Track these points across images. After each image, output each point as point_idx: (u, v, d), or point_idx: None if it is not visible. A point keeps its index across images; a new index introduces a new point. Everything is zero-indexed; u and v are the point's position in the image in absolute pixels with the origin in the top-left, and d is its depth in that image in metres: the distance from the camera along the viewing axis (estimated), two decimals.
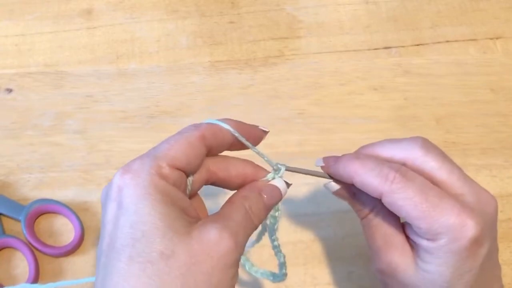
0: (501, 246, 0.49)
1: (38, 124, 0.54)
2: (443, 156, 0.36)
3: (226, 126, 0.34)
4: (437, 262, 0.34)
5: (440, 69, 0.58)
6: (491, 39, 0.59)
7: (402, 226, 0.38)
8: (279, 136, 0.54)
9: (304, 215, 0.50)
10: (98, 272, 0.31)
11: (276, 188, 0.36)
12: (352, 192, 0.38)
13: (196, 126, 0.34)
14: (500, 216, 0.50)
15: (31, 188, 0.51)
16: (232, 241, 0.30)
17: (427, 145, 0.36)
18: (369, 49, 0.59)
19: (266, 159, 0.36)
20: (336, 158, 0.37)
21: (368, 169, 0.35)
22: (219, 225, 0.31)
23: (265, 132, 0.37)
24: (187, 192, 0.34)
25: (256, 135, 0.36)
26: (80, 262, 0.48)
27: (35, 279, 0.46)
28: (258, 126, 0.37)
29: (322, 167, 0.38)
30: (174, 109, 0.55)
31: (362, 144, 0.39)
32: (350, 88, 0.56)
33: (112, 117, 0.54)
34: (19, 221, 0.48)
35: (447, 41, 0.59)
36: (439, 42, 0.59)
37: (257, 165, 0.37)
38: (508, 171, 0.53)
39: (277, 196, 0.36)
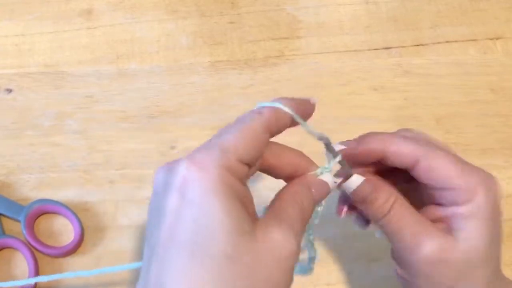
0: (502, 246, 0.49)
1: (38, 124, 0.54)
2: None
3: (288, 110, 0.33)
4: (477, 224, 0.34)
5: (440, 69, 0.58)
6: (491, 39, 0.59)
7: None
8: (279, 137, 0.53)
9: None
10: (152, 264, 0.29)
11: (325, 184, 0.35)
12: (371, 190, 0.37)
13: (259, 112, 0.32)
14: None
15: (31, 188, 0.51)
16: (296, 244, 0.30)
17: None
18: (369, 49, 0.59)
19: (317, 135, 0.35)
20: (357, 139, 0.37)
21: (400, 137, 0.36)
22: (283, 227, 0.30)
23: (315, 105, 0.36)
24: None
25: (308, 111, 0.35)
26: (80, 262, 0.48)
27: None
28: (309, 100, 0.36)
29: (344, 152, 0.37)
30: (174, 109, 0.55)
31: None
32: (350, 88, 0.56)
33: (112, 117, 0.54)
34: (19, 221, 0.48)
35: (447, 41, 0.59)
36: (439, 42, 0.59)
37: (308, 157, 0.36)
38: (508, 171, 0.53)
39: (326, 192, 0.35)
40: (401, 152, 0.35)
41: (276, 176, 0.35)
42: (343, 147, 0.37)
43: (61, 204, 0.49)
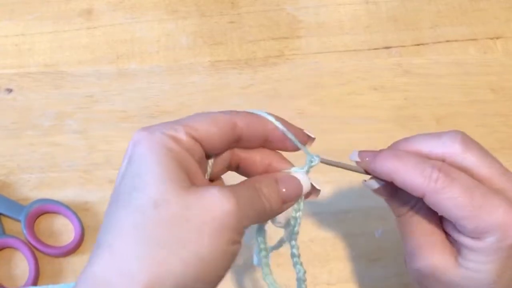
0: None
1: (38, 124, 0.54)
2: (484, 151, 0.35)
3: (271, 118, 0.34)
4: (483, 260, 0.33)
5: (440, 69, 0.58)
6: (491, 39, 0.59)
7: (440, 222, 0.36)
8: None
9: (304, 215, 0.50)
10: (101, 227, 0.31)
11: (295, 179, 0.34)
12: (392, 189, 0.36)
13: (231, 111, 0.34)
14: None
15: (31, 188, 0.51)
16: (233, 202, 0.29)
17: (467, 140, 0.35)
18: (369, 49, 0.59)
19: (305, 151, 0.34)
20: (373, 154, 0.36)
21: (410, 167, 0.33)
22: (222, 188, 0.30)
23: (310, 138, 0.35)
24: (207, 174, 0.33)
25: (300, 137, 0.35)
26: (80, 262, 0.48)
27: (35, 279, 0.46)
28: (303, 130, 0.35)
29: (357, 162, 0.36)
30: (174, 109, 0.55)
31: (362, 144, 0.39)
32: (350, 88, 0.56)
33: (112, 117, 0.54)
34: (19, 221, 0.48)
35: (447, 41, 0.59)
36: (439, 42, 0.59)
37: (284, 157, 0.35)
38: None
39: (296, 189, 0.34)
40: (408, 184, 0.34)
41: (250, 175, 0.35)
42: (357, 159, 0.36)
43: (61, 204, 0.49)
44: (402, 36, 0.59)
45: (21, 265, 0.48)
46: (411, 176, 0.33)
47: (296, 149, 0.35)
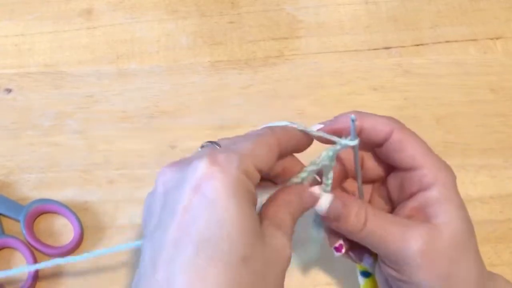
0: (501, 246, 0.49)
1: (38, 124, 0.54)
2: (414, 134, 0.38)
3: (295, 125, 0.35)
4: (451, 206, 0.35)
5: (440, 69, 0.57)
6: (491, 39, 0.59)
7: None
8: None
9: (304, 215, 0.50)
10: (159, 265, 0.28)
11: (315, 197, 0.36)
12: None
13: (272, 129, 0.34)
14: (500, 216, 0.50)
15: (30, 188, 0.51)
16: (291, 249, 0.31)
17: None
18: (369, 49, 0.59)
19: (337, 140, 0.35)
20: (332, 119, 0.38)
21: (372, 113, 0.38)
22: (282, 233, 0.31)
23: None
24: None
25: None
26: (79, 262, 0.48)
27: (35, 279, 0.46)
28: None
29: (323, 129, 0.37)
30: (174, 109, 0.55)
31: None
32: (350, 88, 0.56)
33: (112, 117, 0.54)
34: (18, 221, 0.48)
35: (447, 41, 0.59)
36: (439, 42, 0.59)
37: (296, 158, 0.37)
38: (508, 171, 0.52)
39: (313, 204, 0.36)
40: (377, 123, 0.36)
41: (267, 176, 0.36)
42: (321, 125, 0.37)
43: (61, 204, 0.49)
44: (402, 36, 0.59)
45: (21, 265, 0.48)
46: (378, 117, 0.37)
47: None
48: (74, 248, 0.48)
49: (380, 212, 0.36)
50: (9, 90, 0.55)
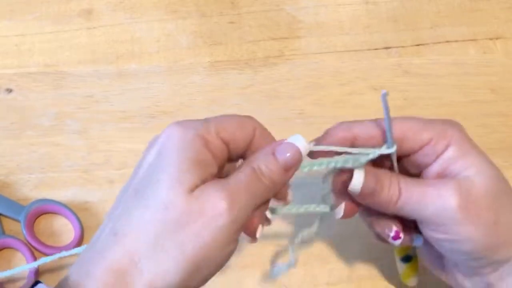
0: None
1: (38, 124, 0.54)
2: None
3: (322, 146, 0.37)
4: (472, 157, 0.37)
5: (440, 69, 0.58)
6: (491, 39, 0.59)
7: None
8: (279, 137, 0.53)
9: (304, 215, 0.50)
10: (117, 208, 0.33)
11: (290, 144, 0.34)
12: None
13: (252, 118, 0.35)
14: None
15: (31, 188, 0.51)
16: (227, 202, 0.31)
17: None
18: (369, 49, 0.59)
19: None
20: (323, 134, 0.38)
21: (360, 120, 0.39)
22: (218, 187, 0.31)
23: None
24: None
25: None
26: None
27: (34, 279, 0.46)
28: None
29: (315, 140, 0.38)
30: (174, 109, 0.55)
31: None
32: (350, 88, 0.56)
33: (112, 117, 0.54)
34: (18, 221, 0.48)
35: (447, 41, 0.59)
36: (439, 42, 0.59)
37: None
38: (508, 171, 0.52)
39: (295, 153, 0.34)
40: (367, 128, 0.37)
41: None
42: (309, 144, 0.36)
43: (61, 204, 0.49)
44: (402, 36, 0.59)
45: (21, 265, 0.47)
46: (366, 122, 0.39)
47: None
48: (74, 248, 0.48)
49: (411, 178, 0.37)
50: (9, 90, 0.55)
